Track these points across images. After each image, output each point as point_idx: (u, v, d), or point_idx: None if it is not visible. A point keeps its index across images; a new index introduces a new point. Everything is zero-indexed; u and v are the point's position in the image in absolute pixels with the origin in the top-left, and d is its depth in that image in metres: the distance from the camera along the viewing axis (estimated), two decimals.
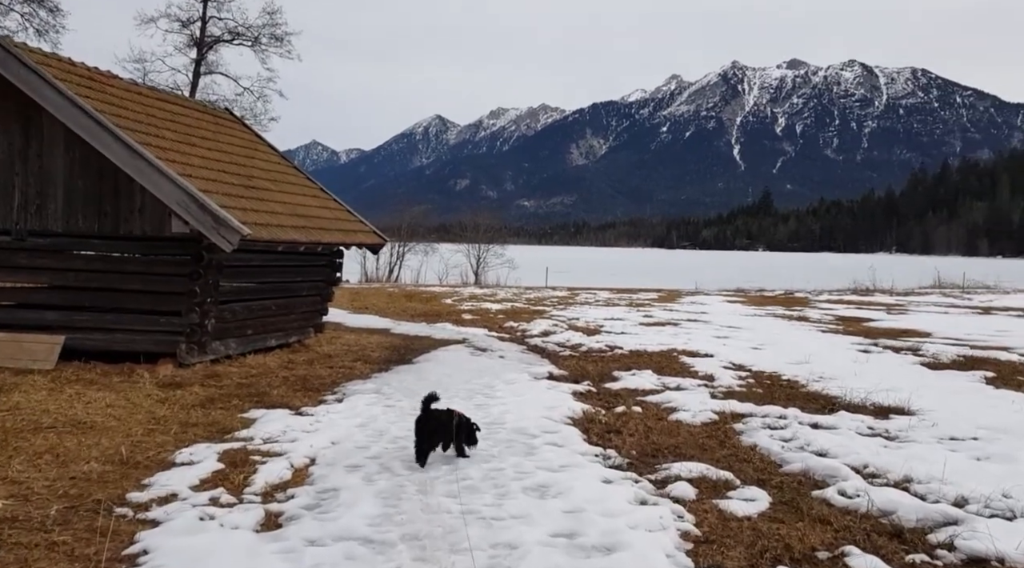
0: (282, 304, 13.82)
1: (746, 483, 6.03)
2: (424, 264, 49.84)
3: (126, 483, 5.60)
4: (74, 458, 6.17)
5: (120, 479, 5.69)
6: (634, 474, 6.15)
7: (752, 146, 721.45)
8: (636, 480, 5.99)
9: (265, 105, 39.06)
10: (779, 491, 5.86)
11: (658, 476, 6.18)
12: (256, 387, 10.02)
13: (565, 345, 15.97)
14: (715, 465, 6.48)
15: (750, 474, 6.31)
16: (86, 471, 5.82)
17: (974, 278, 48.53)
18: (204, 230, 10.61)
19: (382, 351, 14.26)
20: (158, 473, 5.88)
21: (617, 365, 12.96)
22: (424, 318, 21.44)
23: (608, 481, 5.91)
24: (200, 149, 12.93)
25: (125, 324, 11.41)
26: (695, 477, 6.09)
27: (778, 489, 5.91)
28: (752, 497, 5.64)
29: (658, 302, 29.76)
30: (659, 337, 17.45)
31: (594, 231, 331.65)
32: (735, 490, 5.82)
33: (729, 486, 5.93)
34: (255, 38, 38.58)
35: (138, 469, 6.00)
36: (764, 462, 6.71)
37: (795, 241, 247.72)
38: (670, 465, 6.43)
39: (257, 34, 38.41)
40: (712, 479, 6.06)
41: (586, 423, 8.15)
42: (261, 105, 38.92)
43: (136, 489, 5.49)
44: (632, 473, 6.18)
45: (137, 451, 6.51)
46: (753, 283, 48.61)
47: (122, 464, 6.08)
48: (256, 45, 38.81)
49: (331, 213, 15.45)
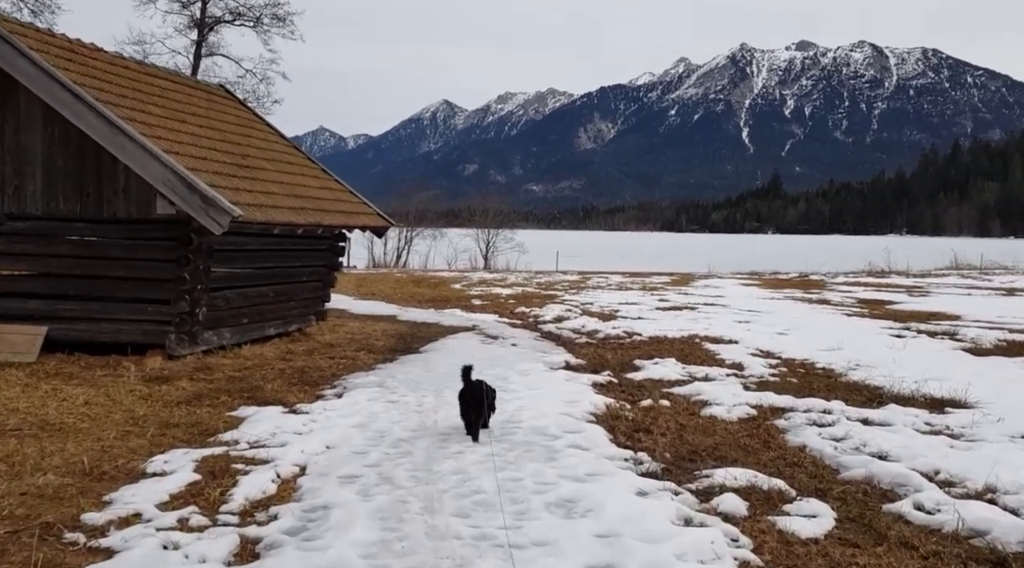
0: (281, 291, 13.02)
1: (803, 494, 5.20)
2: (432, 249, 48.93)
3: (84, 500, 4.81)
4: (31, 468, 5.39)
5: (78, 494, 4.91)
6: (672, 484, 5.31)
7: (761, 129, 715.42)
8: (675, 491, 5.16)
9: (268, 87, 38.25)
10: (843, 504, 5.03)
11: (699, 485, 5.35)
12: (249, 381, 9.24)
13: (580, 331, 15.16)
14: (763, 471, 5.66)
15: (805, 482, 5.48)
16: (40, 485, 5.03)
17: (992, 259, 47.45)
18: (192, 211, 9.80)
19: (387, 340, 13.47)
20: (124, 487, 5.08)
21: (637, 353, 12.14)
22: (432, 304, 20.65)
23: (643, 493, 5.08)
24: (190, 126, 12.11)
25: (111, 313, 10.63)
26: (743, 487, 5.27)
27: (841, 502, 5.09)
28: (813, 512, 4.82)
29: (672, 286, 28.88)
30: (678, 322, 16.62)
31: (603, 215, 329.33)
32: (792, 503, 4.99)
33: (784, 498, 5.11)
34: (257, 18, 37.61)
35: (102, 482, 5.21)
36: (818, 467, 5.88)
37: (805, 223, 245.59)
38: (711, 471, 5.62)
39: (259, 14, 37.44)
40: (763, 489, 5.23)
41: (611, 420, 7.33)
42: (264, 87, 38.04)
43: (94, 507, 4.70)
44: (669, 482, 5.35)
45: (105, 459, 5.73)
46: (766, 266, 47.69)
47: (84, 475, 5.29)
48: (258, 25, 37.85)
49: (332, 194, 14.63)
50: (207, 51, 37.77)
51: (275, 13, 37.34)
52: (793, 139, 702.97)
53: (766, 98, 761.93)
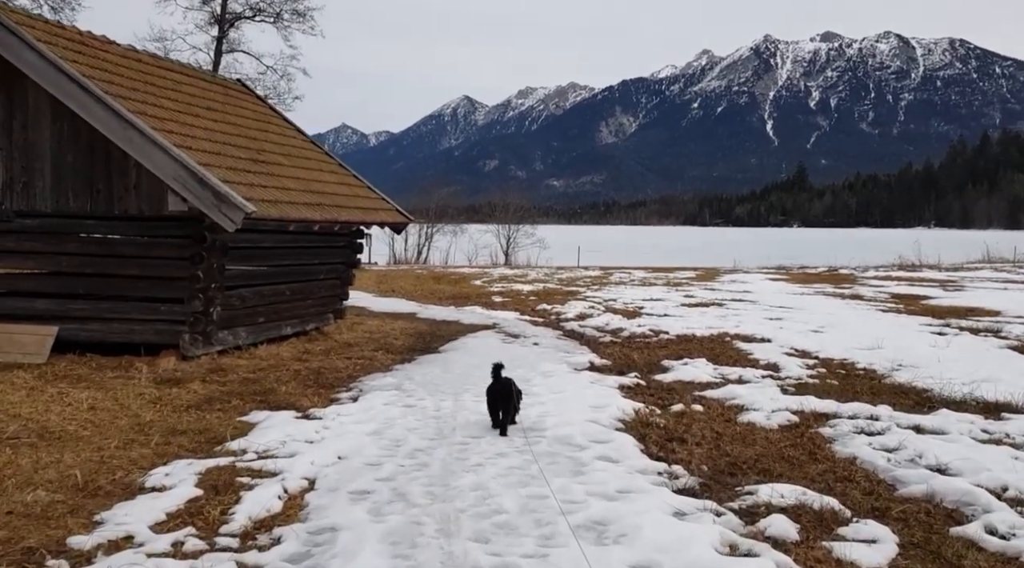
0: (297, 289, 12.67)
1: (859, 515, 4.72)
2: (453, 245, 48.57)
3: (73, 520, 4.44)
4: (22, 483, 5.04)
5: (68, 513, 4.54)
6: (712, 502, 4.85)
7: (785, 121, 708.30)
8: (717, 511, 4.70)
9: (289, 84, 37.89)
10: (905, 526, 4.55)
11: (743, 504, 4.89)
12: (263, 383, 8.88)
13: (604, 330, 14.69)
14: (812, 487, 5.18)
15: (859, 500, 5.00)
16: (29, 503, 4.67)
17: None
18: (204, 208, 9.46)
19: (406, 338, 13.09)
20: (118, 504, 4.71)
21: (665, 352, 11.66)
22: (452, 301, 20.26)
23: (681, 514, 4.63)
24: (205, 120, 11.78)
25: (123, 313, 10.33)
26: (791, 506, 4.80)
27: (903, 523, 4.60)
28: (873, 537, 4.34)
29: (697, 281, 28.28)
30: (706, 319, 16.11)
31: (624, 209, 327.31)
32: (848, 526, 4.51)
33: (838, 519, 4.63)
34: (277, 14, 37.37)
35: (95, 498, 4.84)
36: (872, 482, 5.39)
37: (831, 217, 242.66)
38: (755, 488, 5.15)
39: (279, 9, 37.20)
40: (814, 509, 4.76)
41: (641, 428, 6.87)
42: (285, 84, 37.78)
43: (83, 529, 4.33)
44: (710, 501, 4.88)
45: (103, 471, 5.37)
46: (793, 260, 46.85)
47: (77, 491, 4.93)
48: (278, 21, 37.62)
49: (350, 190, 14.26)
50: (228, 48, 37.59)
51: (295, 8, 37.10)
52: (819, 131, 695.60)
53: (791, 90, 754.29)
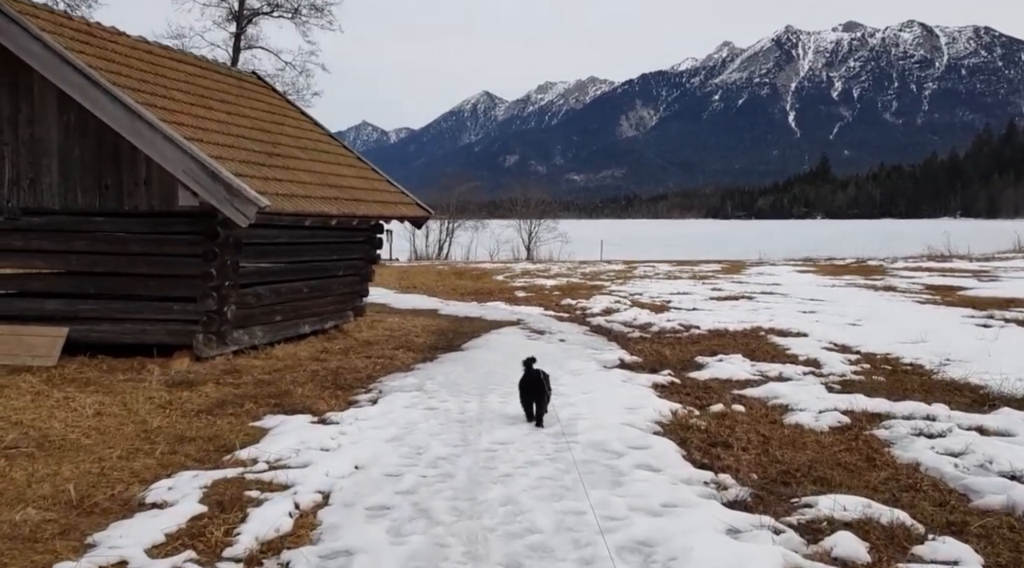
0: (315, 286, 12.28)
1: (934, 530, 4.22)
2: (474, 240, 48.15)
3: (63, 543, 4.03)
4: (13, 499, 4.66)
5: (58, 535, 4.14)
6: (769, 517, 4.35)
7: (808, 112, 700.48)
8: (775, 528, 4.20)
9: (308, 80, 37.73)
10: (988, 544, 4.04)
11: (801, 518, 4.40)
12: (279, 385, 8.49)
13: (632, 325, 14.20)
14: (876, 498, 4.68)
15: (931, 513, 4.49)
16: (17, 522, 4.28)
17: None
18: (215, 202, 9.07)
19: (428, 336, 12.67)
20: (114, 524, 4.30)
21: (698, 348, 11.16)
22: (475, 297, 19.83)
23: (736, 531, 4.14)
24: (218, 113, 11.41)
25: (134, 313, 9.99)
26: (856, 520, 4.30)
27: (985, 541, 4.10)
28: (954, 557, 3.84)
29: (723, 274, 27.67)
30: (736, 313, 15.57)
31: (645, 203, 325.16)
32: (923, 544, 4.01)
33: (911, 536, 4.13)
34: (295, 9, 37.16)
35: (91, 516, 4.44)
36: (941, 492, 4.88)
37: (855, 208, 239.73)
38: (813, 499, 4.66)
39: (297, 5, 36.98)
40: (882, 524, 4.26)
41: (681, 431, 6.39)
42: (304, 80, 37.61)
43: (72, 553, 3.92)
44: (765, 516, 4.37)
45: (101, 485, 4.97)
46: (819, 252, 46.05)
47: (72, 508, 4.53)
48: (296, 16, 37.41)
49: (369, 184, 13.85)
50: (246, 44, 37.41)
51: (313, 3, 36.86)
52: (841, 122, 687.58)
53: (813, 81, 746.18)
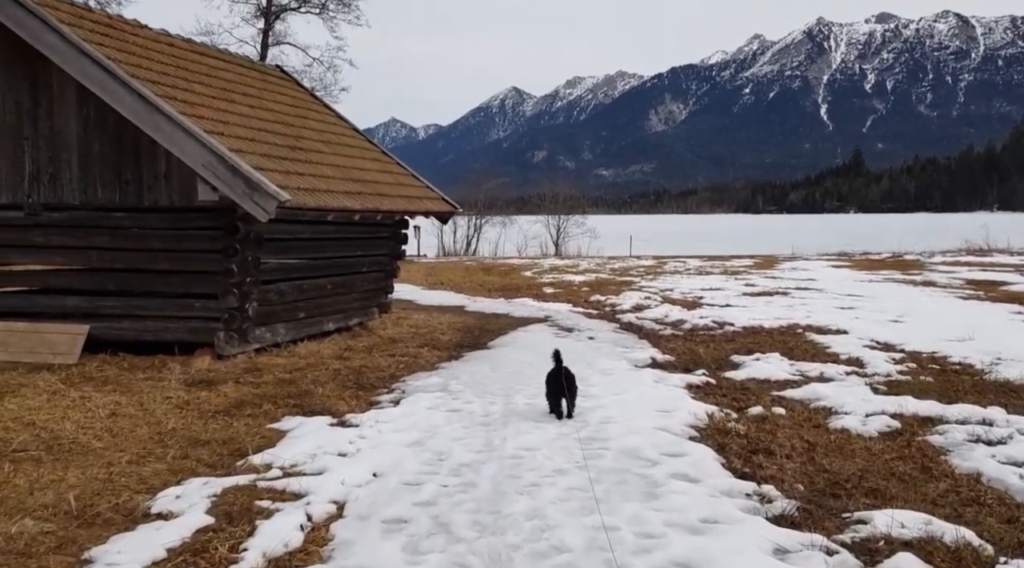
0: (340, 282, 12.05)
1: (1005, 551, 3.83)
2: (502, 236, 47.82)
3: (58, 558, 3.77)
4: (12, 508, 4.43)
5: (54, 549, 3.88)
6: (820, 536, 3.96)
7: (840, 105, 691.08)
8: (827, 549, 3.83)
9: (335, 75, 37.79)
10: None
11: (855, 537, 4.01)
12: (299, 384, 8.24)
13: (664, 322, 13.81)
14: (937, 513, 4.29)
15: (999, 531, 4.09)
16: (13, 534, 4.03)
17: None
18: (235, 196, 8.84)
19: (453, 333, 12.38)
20: (115, 536, 4.04)
21: (733, 346, 10.75)
22: (502, 293, 19.54)
23: (784, 552, 3.78)
24: (240, 106, 11.20)
25: (156, 310, 9.82)
26: (917, 539, 3.93)
27: None
28: None
29: (755, 269, 27.10)
30: (771, 309, 15.10)
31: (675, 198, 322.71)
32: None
33: (980, 559, 3.74)
34: (322, 4, 37.20)
35: (91, 528, 4.19)
36: (1008, 506, 4.47)
37: (889, 202, 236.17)
38: (867, 514, 4.28)
39: (324, 0, 36.99)
40: (945, 543, 3.88)
41: (719, 436, 6.02)
42: (331, 75, 37.71)
43: None
44: (816, 534, 3.98)
45: (106, 493, 4.73)
46: (853, 246, 45.15)
47: (72, 519, 4.28)
48: (324, 12, 37.44)
49: (393, 178, 13.60)
50: (274, 40, 37.50)
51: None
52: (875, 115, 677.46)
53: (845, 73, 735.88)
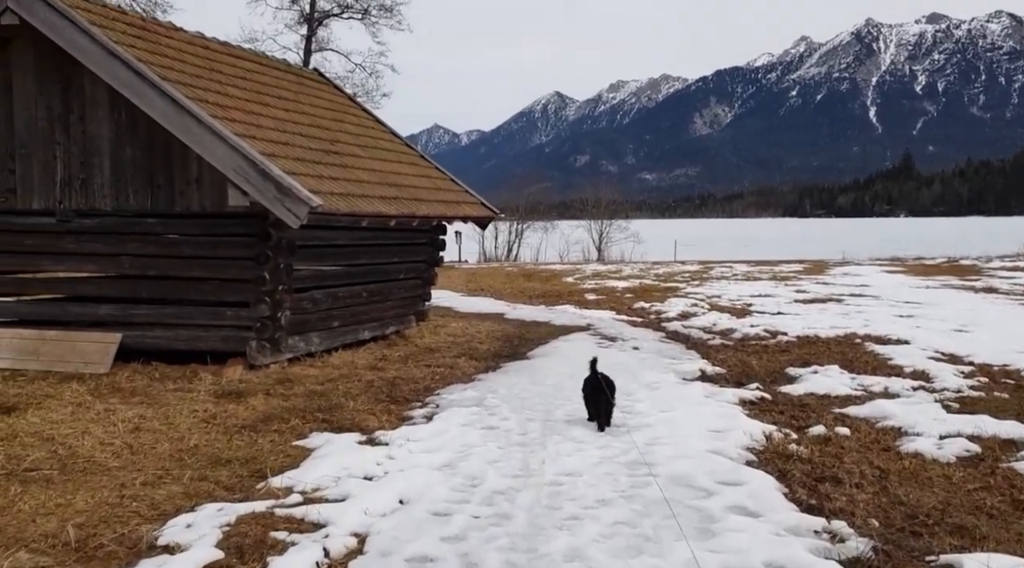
0: (375, 290, 11.73)
1: None
2: (544, 241, 47.37)
3: None
4: (11, 537, 4.10)
5: None
6: None
7: (889, 107, 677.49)
8: None
9: (377, 81, 37.82)
10: None
11: None
12: (330, 397, 7.90)
13: (712, 330, 13.26)
14: None
15: None
16: None
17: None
18: (265, 201, 8.55)
19: (492, 342, 11.98)
20: None
21: (788, 358, 10.18)
22: (543, 300, 19.10)
23: None
24: (275, 109, 10.96)
25: (188, 318, 9.58)
26: None
27: None
28: None
29: (806, 274, 26.29)
30: (826, 317, 14.45)
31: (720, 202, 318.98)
32: None
33: None
34: (365, 9, 37.30)
35: (90, 562, 3.84)
36: None
37: (940, 205, 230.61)
38: (956, 558, 3.75)
39: (367, 5, 37.11)
40: None
41: (779, 461, 5.51)
42: (373, 81, 37.73)
43: None
44: None
45: (113, 520, 4.40)
46: (906, 251, 43.87)
47: (71, 552, 3.94)
48: (366, 17, 37.53)
49: (431, 183, 13.26)
50: (317, 47, 37.67)
51: (382, 3, 36.93)
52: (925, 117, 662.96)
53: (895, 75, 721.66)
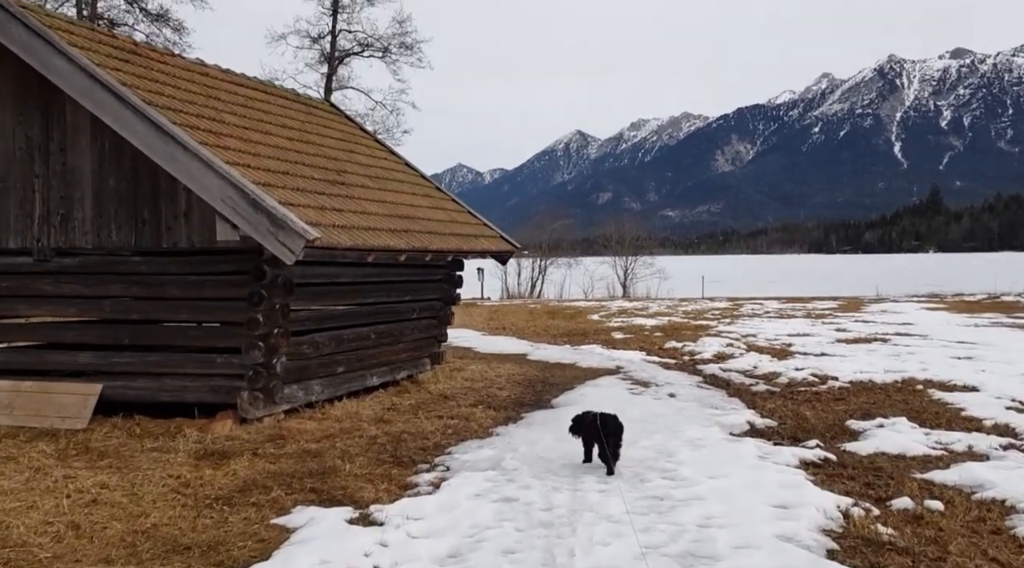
0: (385, 331, 10.76)
1: None
2: (567, 278, 46.30)
3: None
4: None
5: None
6: None
7: (915, 142, 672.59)
8: None
9: (398, 118, 37.38)
10: None
11: None
12: (325, 458, 6.89)
13: (754, 374, 12.16)
14: None
15: None
16: None
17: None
18: (257, 235, 7.64)
19: (513, 388, 10.94)
20: None
21: (845, 407, 9.04)
22: (568, 339, 18.05)
23: None
24: (276, 138, 10.14)
25: (174, 367, 8.64)
26: None
27: None
28: None
29: (841, 312, 25.04)
30: (877, 359, 13.28)
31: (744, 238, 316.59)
32: None
33: None
34: (385, 48, 37.02)
35: None
36: None
37: (970, 241, 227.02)
38: None
39: (387, 44, 36.84)
40: None
41: (868, 551, 4.39)
42: (394, 118, 37.32)
43: None
44: None
45: None
46: (941, 287, 42.44)
47: None
48: (386, 55, 37.25)
49: (446, 216, 12.35)
50: (337, 85, 37.37)
51: (403, 42, 36.62)
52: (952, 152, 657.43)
53: (919, 110, 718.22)
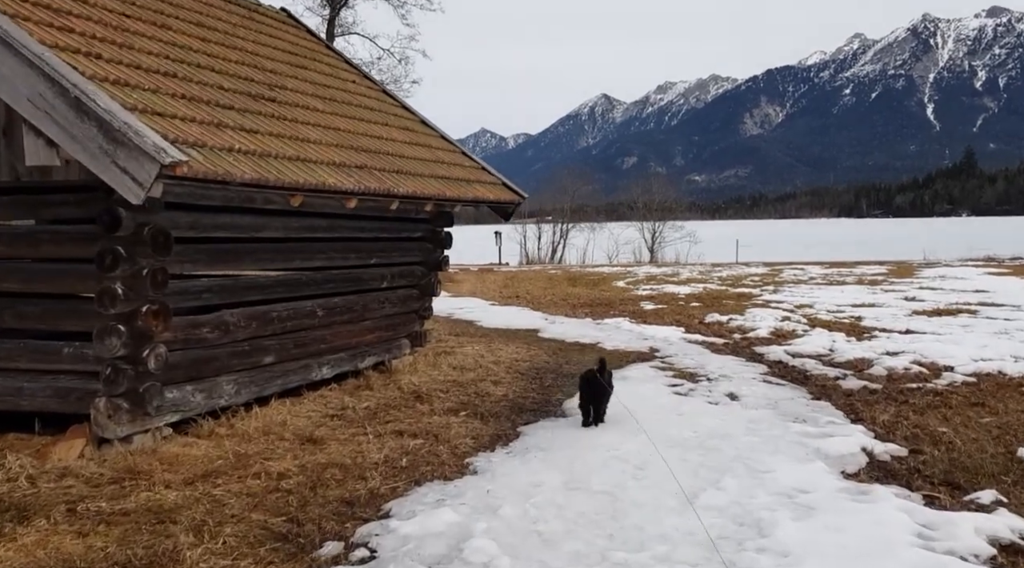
0: (340, 306, 7.87)
1: None
2: (591, 242, 43.12)
3: None
4: None
5: None
6: None
7: (948, 104, 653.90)
8: None
9: (407, 67, 34.07)
10: None
11: None
12: (172, 529, 4.06)
13: (834, 362, 9.25)
14: None
15: None
16: None
17: None
18: (83, 155, 4.79)
19: (512, 382, 8.04)
20: None
21: (996, 420, 6.09)
22: (589, 310, 15.11)
23: None
24: (179, 35, 7.24)
25: (6, 361, 5.82)
26: None
27: None
28: None
29: (894, 277, 21.78)
30: (983, 339, 10.31)
31: (772, 202, 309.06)
32: None
33: None
34: None
35: None
36: None
37: (1005, 204, 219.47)
38: None
39: None
40: None
41: None
42: (402, 68, 33.98)
43: None
44: None
45: None
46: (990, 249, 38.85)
47: None
48: None
49: (429, 153, 9.34)
50: (340, 31, 34.13)
51: None
52: (986, 113, 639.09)
53: (953, 71, 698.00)
